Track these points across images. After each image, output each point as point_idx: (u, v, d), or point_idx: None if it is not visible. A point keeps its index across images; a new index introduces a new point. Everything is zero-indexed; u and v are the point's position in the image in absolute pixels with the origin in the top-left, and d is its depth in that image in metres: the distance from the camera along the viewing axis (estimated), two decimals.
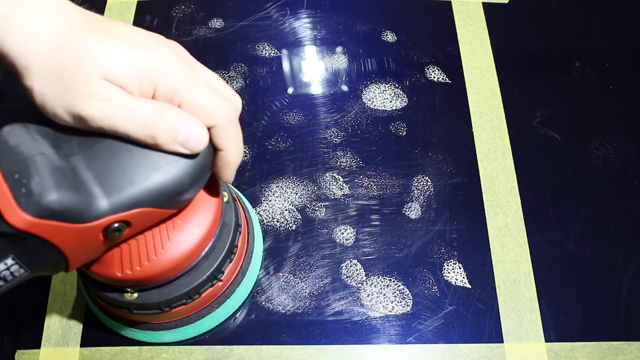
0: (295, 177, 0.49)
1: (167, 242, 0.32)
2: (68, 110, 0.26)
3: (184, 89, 0.28)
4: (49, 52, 0.26)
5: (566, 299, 0.45)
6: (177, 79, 0.28)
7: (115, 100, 0.26)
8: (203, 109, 0.29)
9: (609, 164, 0.51)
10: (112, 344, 0.42)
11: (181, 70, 0.28)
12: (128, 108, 0.27)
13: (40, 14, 0.27)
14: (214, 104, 0.29)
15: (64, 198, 0.25)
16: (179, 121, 0.28)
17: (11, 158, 0.25)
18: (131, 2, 0.59)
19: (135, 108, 0.27)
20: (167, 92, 0.28)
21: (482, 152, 0.51)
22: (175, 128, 0.27)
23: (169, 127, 0.27)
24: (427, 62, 0.56)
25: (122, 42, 0.27)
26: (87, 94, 0.26)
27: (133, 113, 0.27)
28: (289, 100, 0.53)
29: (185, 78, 0.28)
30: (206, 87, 0.29)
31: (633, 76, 0.56)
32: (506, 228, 0.47)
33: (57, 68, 0.26)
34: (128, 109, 0.27)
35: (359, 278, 0.45)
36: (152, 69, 0.27)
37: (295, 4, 0.59)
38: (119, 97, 0.27)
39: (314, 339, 0.43)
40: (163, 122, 0.27)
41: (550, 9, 0.60)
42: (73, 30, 0.27)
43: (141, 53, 0.27)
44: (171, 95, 0.28)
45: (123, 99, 0.27)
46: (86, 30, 0.27)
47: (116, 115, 0.26)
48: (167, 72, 0.28)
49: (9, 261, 0.26)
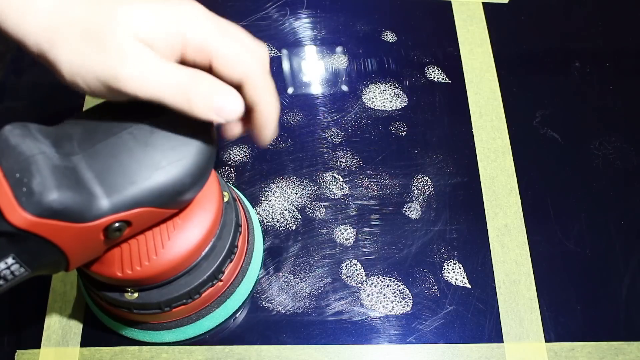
0: (295, 177, 0.49)
1: (167, 242, 0.32)
2: (100, 77, 0.26)
3: (215, 40, 0.27)
4: (73, 20, 0.26)
5: (566, 299, 0.45)
6: (207, 30, 0.27)
7: (150, 62, 0.26)
8: (235, 59, 0.28)
9: (609, 164, 0.51)
10: (112, 344, 0.42)
11: (209, 22, 0.28)
12: (164, 70, 0.26)
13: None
14: (245, 55, 0.28)
15: (64, 197, 0.25)
16: (215, 88, 0.27)
17: (12, 157, 0.25)
18: None
19: (171, 70, 0.26)
20: (196, 44, 0.27)
21: (482, 152, 0.51)
22: (212, 94, 0.27)
23: (205, 92, 0.27)
24: (427, 62, 0.56)
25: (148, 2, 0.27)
26: (120, 55, 0.25)
27: (169, 76, 0.26)
28: (289, 100, 0.53)
29: (214, 29, 0.28)
30: (236, 38, 0.28)
31: (633, 76, 0.56)
32: (506, 228, 0.47)
33: (86, 34, 0.25)
34: (164, 71, 0.26)
35: (359, 278, 0.45)
36: (179, 21, 0.27)
37: (295, 4, 0.59)
38: (154, 58, 0.26)
39: (314, 339, 0.43)
40: (200, 87, 0.27)
41: (550, 9, 0.60)
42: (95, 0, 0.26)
43: (167, 8, 0.27)
44: (201, 47, 0.27)
45: (158, 61, 0.26)
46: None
47: (151, 78, 0.26)
48: (196, 24, 0.27)
49: (9, 260, 0.26)
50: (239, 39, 0.29)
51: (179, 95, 0.26)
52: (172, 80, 0.26)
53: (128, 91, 0.26)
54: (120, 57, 0.25)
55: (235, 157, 0.50)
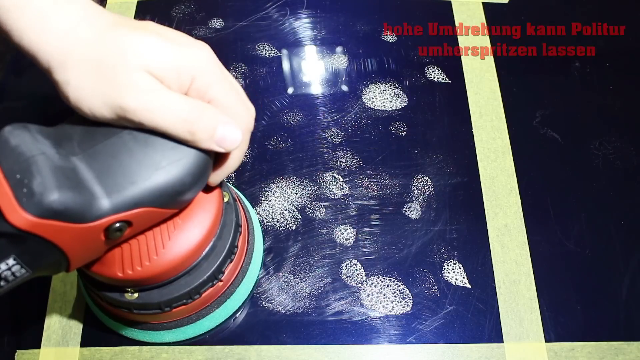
0: (295, 177, 0.49)
1: (168, 242, 0.32)
2: (108, 103, 0.26)
3: (217, 88, 0.29)
4: (87, 46, 0.26)
5: (566, 299, 0.45)
6: (213, 76, 0.29)
7: (157, 93, 0.27)
8: (231, 111, 0.29)
9: (609, 164, 0.51)
10: (112, 344, 0.42)
11: (216, 68, 0.29)
12: (169, 102, 0.27)
13: (75, 11, 0.27)
14: (241, 109, 0.30)
15: (65, 198, 0.25)
16: (217, 120, 0.28)
17: (12, 158, 0.25)
18: (131, 2, 0.59)
19: (176, 102, 0.27)
20: (201, 87, 0.28)
21: (482, 152, 0.51)
22: (214, 126, 0.28)
23: (208, 124, 0.28)
24: (427, 62, 0.56)
25: (161, 37, 0.27)
26: (128, 86, 0.26)
27: (174, 107, 0.27)
28: (289, 100, 0.53)
29: (219, 77, 0.29)
30: (235, 91, 0.30)
31: (633, 76, 0.56)
32: (506, 228, 0.48)
33: (97, 61, 0.26)
34: (169, 103, 0.27)
35: (359, 278, 0.45)
36: (190, 63, 0.28)
37: (295, 4, 0.59)
38: (161, 90, 0.27)
39: (314, 339, 0.43)
40: (203, 119, 0.28)
41: (550, 9, 0.60)
42: (109, 27, 0.27)
43: (180, 48, 0.28)
44: (204, 91, 0.28)
45: (165, 92, 0.27)
46: (123, 26, 0.27)
47: (157, 109, 0.27)
48: (204, 68, 0.28)
49: (10, 261, 0.26)
50: (239, 93, 0.30)
51: (183, 126, 0.27)
52: (178, 112, 0.27)
53: (134, 120, 0.27)
54: (129, 88, 0.26)
55: None
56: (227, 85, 0.29)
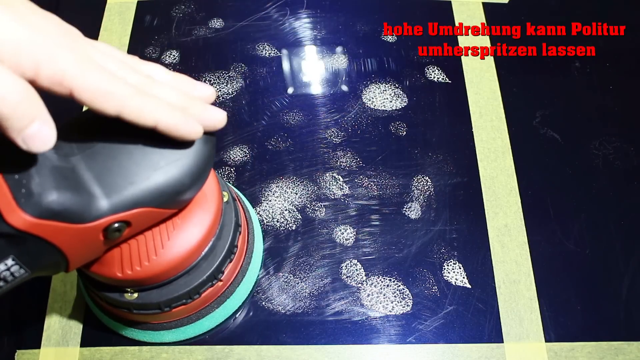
0: (295, 177, 0.49)
1: (167, 242, 0.32)
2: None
3: (72, 73, 0.25)
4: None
5: (566, 299, 0.45)
6: (64, 62, 0.25)
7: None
8: (98, 93, 0.26)
9: (609, 164, 0.51)
10: (112, 344, 0.42)
11: (68, 53, 0.26)
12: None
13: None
14: (108, 86, 0.26)
15: (64, 198, 0.25)
16: (34, 113, 0.25)
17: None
18: (131, 2, 0.59)
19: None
20: (52, 75, 0.25)
21: (482, 152, 0.51)
22: (30, 119, 0.24)
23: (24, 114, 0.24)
24: (427, 62, 0.56)
25: (7, 13, 0.24)
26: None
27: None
28: (289, 100, 0.53)
29: (73, 61, 0.25)
30: (99, 70, 0.26)
31: (633, 76, 0.56)
32: (506, 228, 0.47)
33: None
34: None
35: (359, 278, 0.45)
36: (34, 46, 0.24)
37: (295, 4, 0.59)
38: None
39: (314, 339, 0.43)
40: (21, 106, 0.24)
41: (550, 9, 0.60)
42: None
43: (27, 28, 0.24)
44: (59, 79, 0.25)
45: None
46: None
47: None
48: (51, 53, 0.25)
49: (9, 262, 0.26)
50: (103, 71, 0.27)
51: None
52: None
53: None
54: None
55: (235, 157, 0.50)
56: (86, 67, 0.26)
